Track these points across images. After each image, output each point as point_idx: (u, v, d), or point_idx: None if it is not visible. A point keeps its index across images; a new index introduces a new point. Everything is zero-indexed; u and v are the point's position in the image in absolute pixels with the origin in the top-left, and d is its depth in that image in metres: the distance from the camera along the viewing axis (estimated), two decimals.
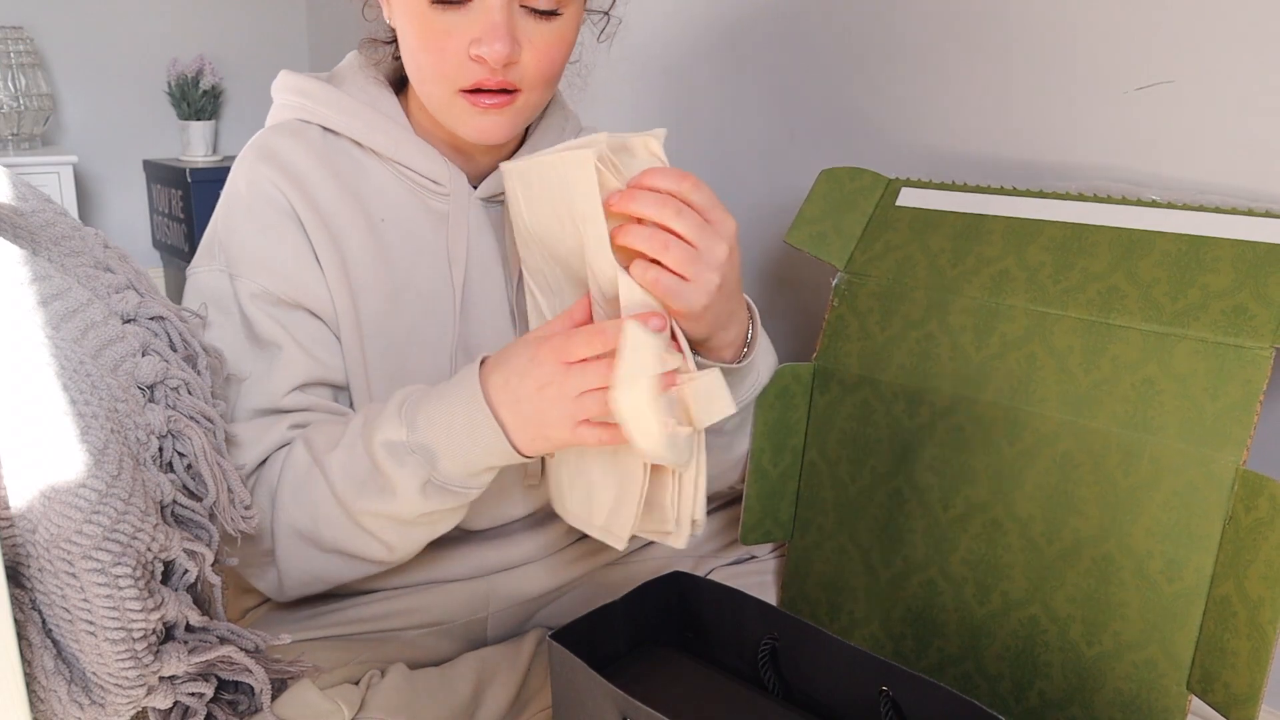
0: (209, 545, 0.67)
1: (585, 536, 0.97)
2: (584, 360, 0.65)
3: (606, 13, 0.91)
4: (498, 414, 0.68)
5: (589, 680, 0.64)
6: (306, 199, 0.82)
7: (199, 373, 0.73)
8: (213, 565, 0.67)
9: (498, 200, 0.87)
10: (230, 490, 0.70)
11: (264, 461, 0.78)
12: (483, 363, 0.70)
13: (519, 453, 0.69)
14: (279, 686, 0.71)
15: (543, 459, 0.84)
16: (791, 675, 0.74)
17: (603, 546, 0.95)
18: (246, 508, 0.71)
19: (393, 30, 0.83)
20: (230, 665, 0.66)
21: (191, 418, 0.69)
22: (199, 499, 0.68)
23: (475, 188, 0.87)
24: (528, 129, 0.93)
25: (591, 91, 1.13)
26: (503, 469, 0.74)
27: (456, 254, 0.85)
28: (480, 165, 0.88)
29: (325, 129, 0.85)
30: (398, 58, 0.87)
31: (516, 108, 0.80)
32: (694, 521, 0.69)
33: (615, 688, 0.61)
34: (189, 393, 0.70)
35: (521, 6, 0.76)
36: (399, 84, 0.90)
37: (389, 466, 0.70)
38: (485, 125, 0.80)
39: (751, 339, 0.82)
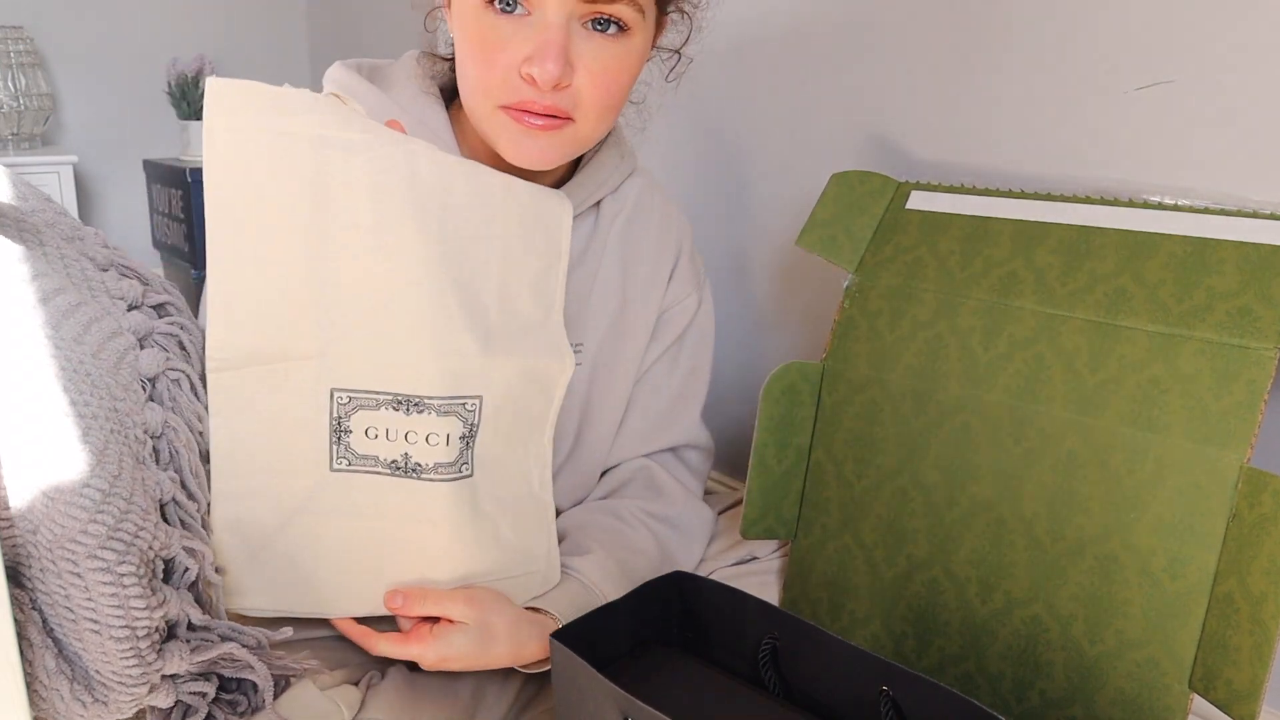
0: (207, 543, 0.67)
1: None
2: None
3: (679, 51, 0.86)
4: None
5: (590, 680, 0.64)
6: None
7: (192, 365, 0.72)
8: (212, 563, 0.67)
9: None
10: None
11: None
12: None
13: None
14: (280, 685, 0.71)
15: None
16: (792, 675, 0.74)
17: None
18: None
19: (452, 72, 0.80)
20: (233, 663, 0.66)
21: (186, 421, 0.69)
22: (196, 501, 0.68)
23: None
24: (579, 160, 0.89)
25: None
26: None
27: None
28: None
29: None
30: (454, 69, 0.83)
31: (566, 136, 0.75)
32: None
33: (617, 687, 0.61)
34: (189, 388, 0.70)
35: (584, 23, 0.72)
36: (452, 93, 0.85)
37: None
38: (528, 147, 0.75)
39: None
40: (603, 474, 0.98)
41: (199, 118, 2.66)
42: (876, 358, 0.92)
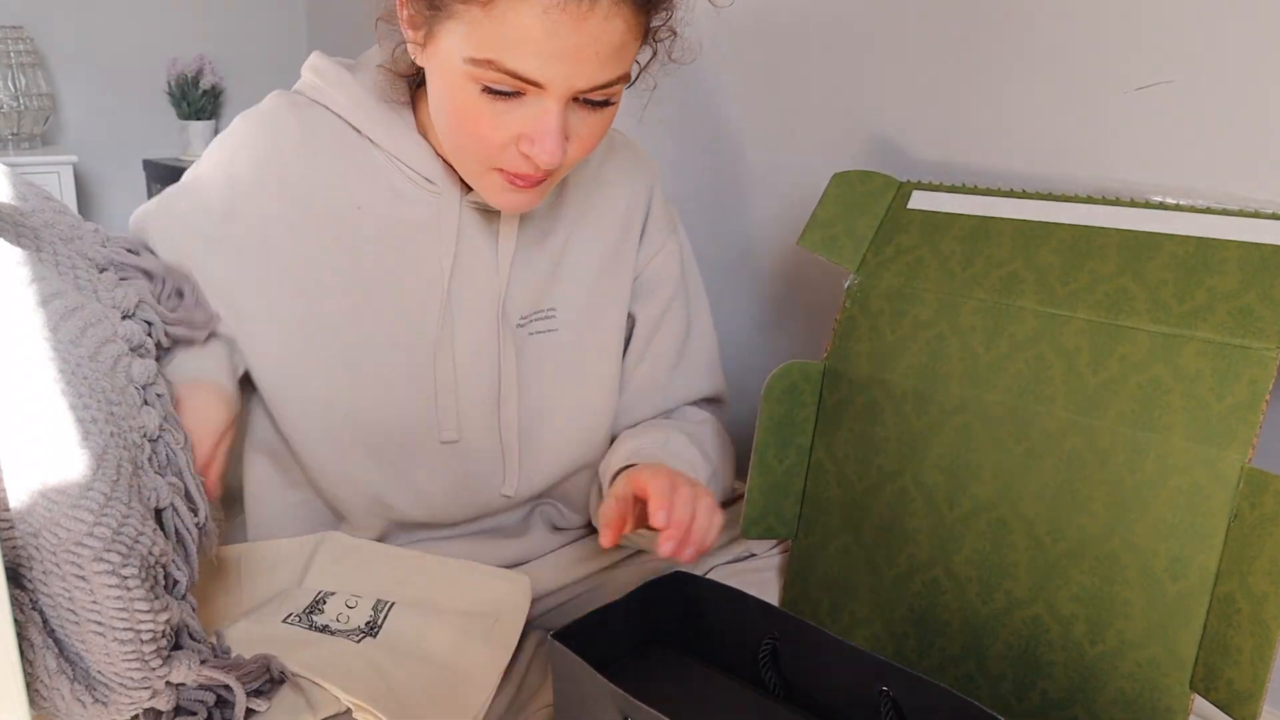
0: (188, 561, 0.66)
1: (586, 538, 0.97)
2: None
3: (641, 67, 0.85)
4: None
5: (590, 680, 0.64)
6: (276, 185, 0.82)
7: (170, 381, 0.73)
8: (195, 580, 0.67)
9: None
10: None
11: None
12: None
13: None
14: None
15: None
16: (792, 675, 0.74)
17: (606, 550, 0.95)
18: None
19: (418, 68, 0.80)
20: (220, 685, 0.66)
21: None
22: (196, 507, 0.68)
23: (469, 189, 0.85)
24: None
25: None
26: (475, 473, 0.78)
27: (445, 253, 0.84)
28: None
29: (332, 111, 0.85)
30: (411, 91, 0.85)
31: (548, 184, 0.79)
32: None
33: (616, 687, 0.61)
34: (172, 401, 0.70)
35: (574, 100, 0.72)
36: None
37: None
38: (516, 201, 0.78)
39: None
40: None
41: (199, 118, 2.66)
42: (878, 358, 0.91)
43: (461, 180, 0.84)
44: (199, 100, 2.65)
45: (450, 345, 0.84)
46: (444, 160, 0.84)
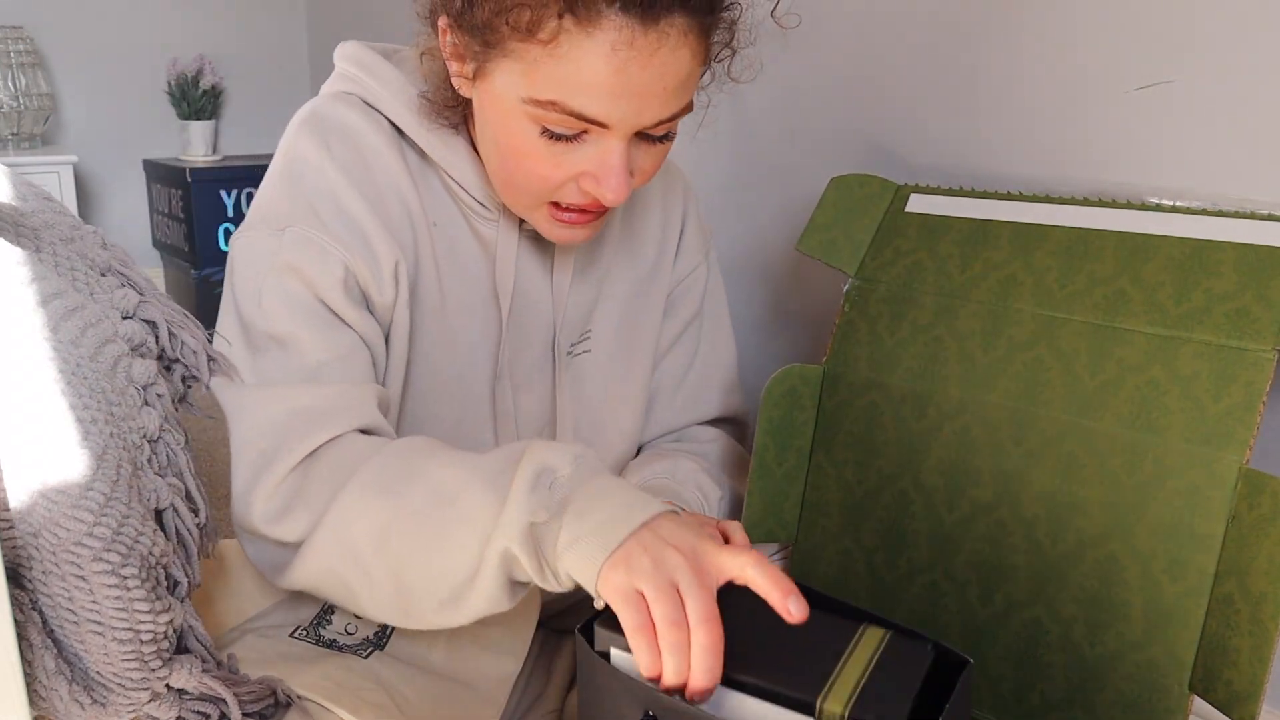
0: (189, 562, 0.66)
1: None
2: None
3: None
4: (628, 537, 0.57)
5: (611, 676, 0.64)
6: (373, 181, 0.75)
7: (170, 382, 0.72)
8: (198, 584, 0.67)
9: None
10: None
11: (339, 439, 0.70)
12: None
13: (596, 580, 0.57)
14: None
15: None
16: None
17: None
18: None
19: (458, 95, 0.74)
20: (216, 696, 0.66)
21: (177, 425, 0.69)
22: (197, 508, 0.68)
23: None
24: None
25: None
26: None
27: (504, 283, 0.81)
28: None
29: (387, 118, 0.77)
30: (461, 116, 0.77)
31: (606, 217, 0.76)
32: None
33: (641, 681, 0.61)
34: (171, 403, 0.70)
35: (637, 135, 0.69)
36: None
37: (520, 490, 0.60)
38: (571, 235, 0.75)
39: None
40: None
41: (199, 118, 2.66)
42: (876, 361, 0.92)
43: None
44: (199, 100, 2.65)
45: (508, 374, 0.82)
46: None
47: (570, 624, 0.90)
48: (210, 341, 0.72)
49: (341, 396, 0.70)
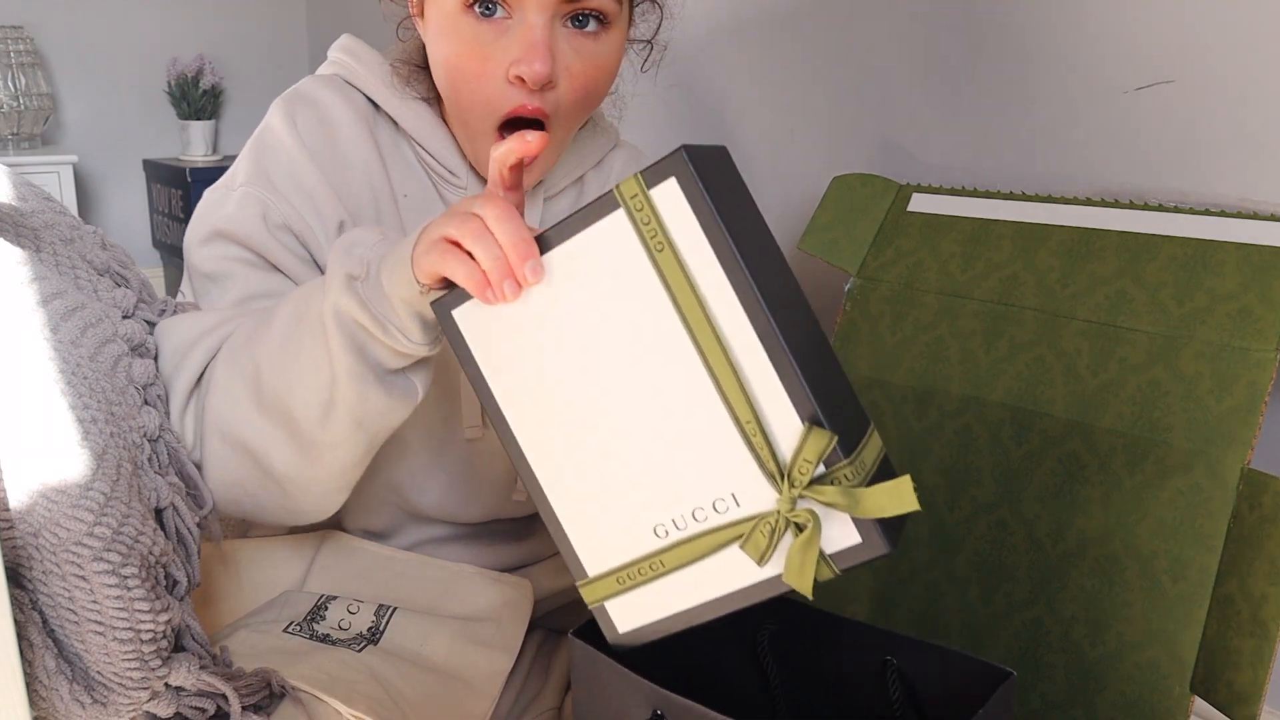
0: (189, 561, 0.66)
1: None
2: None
3: (650, 41, 0.87)
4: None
5: (616, 676, 0.63)
6: (336, 152, 0.79)
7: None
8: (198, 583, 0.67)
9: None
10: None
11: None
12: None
13: (413, 272, 0.60)
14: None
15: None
16: (795, 659, 0.73)
17: None
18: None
19: (424, 51, 0.80)
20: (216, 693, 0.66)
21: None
22: (201, 505, 0.68)
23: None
24: None
25: None
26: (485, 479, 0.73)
27: None
28: None
29: (367, 97, 0.83)
30: (432, 85, 0.83)
31: (543, 157, 0.78)
32: None
33: (649, 682, 0.61)
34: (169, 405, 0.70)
35: (564, 21, 0.73)
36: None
37: (331, 261, 0.64)
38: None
39: None
40: None
41: (199, 118, 2.66)
42: (878, 360, 0.91)
43: (484, 177, 0.84)
44: (199, 100, 2.65)
45: None
46: (466, 158, 0.84)
47: (567, 624, 0.90)
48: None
49: (242, 313, 0.73)
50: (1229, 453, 0.71)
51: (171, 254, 2.70)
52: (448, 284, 0.58)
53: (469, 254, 0.56)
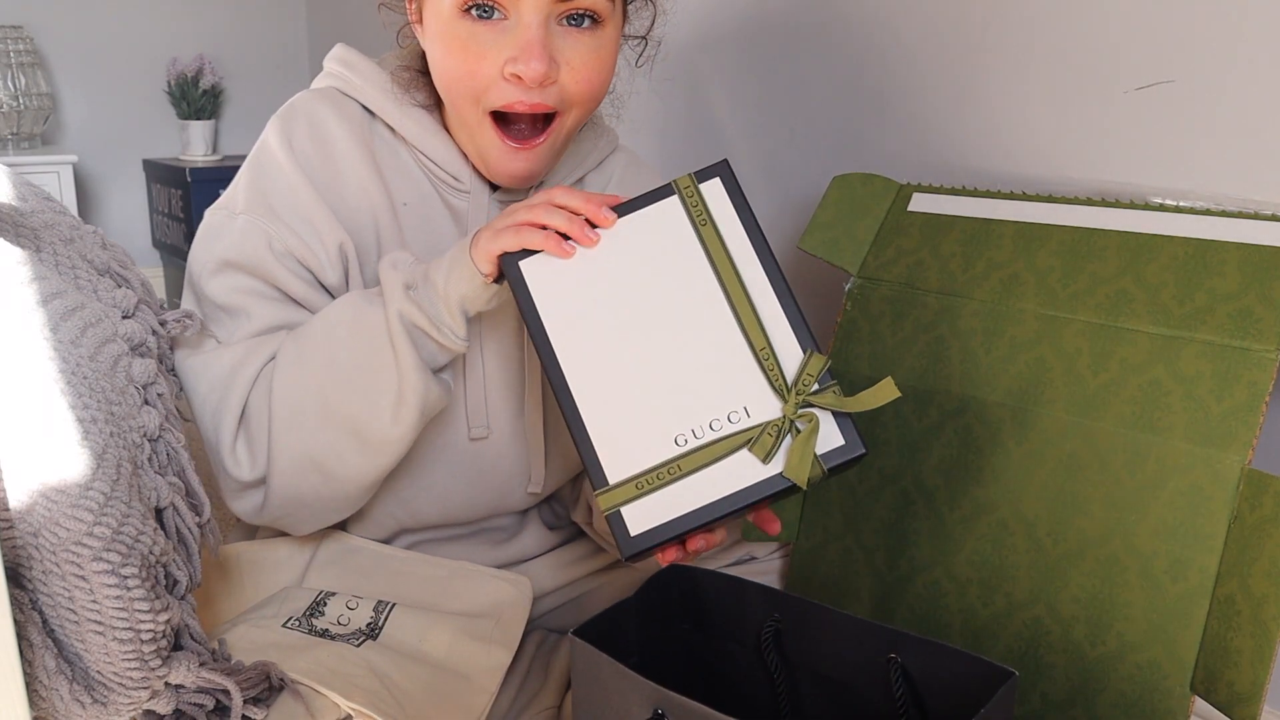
0: (189, 561, 0.66)
1: (580, 538, 0.97)
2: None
3: (644, 37, 0.88)
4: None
5: (617, 676, 0.64)
6: (332, 168, 0.81)
7: (170, 380, 0.73)
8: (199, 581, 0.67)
9: (516, 201, 0.86)
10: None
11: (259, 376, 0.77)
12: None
13: (472, 259, 0.71)
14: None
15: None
16: (799, 654, 0.73)
17: (600, 549, 0.95)
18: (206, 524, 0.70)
19: (424, 58, 0.80)
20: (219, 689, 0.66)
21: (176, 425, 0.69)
22: (197, 512, 0.68)
23: (495, 189, 0.85)
24: None
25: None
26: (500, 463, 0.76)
27: None
28: None
29: (364, 106, 0.84)
30: (433, 90, 0.84)
31: (546, 146, 0.79)
32: None
33: (650, 681, 0.61)
34: (172, 402, 0.70)
35: (559, 20, 0.74)
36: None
37: (384, 271, 0.73)
38: (516, 166, 0.79)
39: None
40: None
41: (199, 117, 2.66)
42: (878, 359, 0.91)
43: (488, 181, 0.85)
44: (199, 100, 2.65)
45: (479, 343, 0.84)
46: (470, 163, 0.84)
47: (567, 623, 0.90)
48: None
49: (267, 343, 0.78)
50: (1229, 453, 0.71)
51: (171, 254, 2.70)
52: (499, 274, 0.70)
53: (540, 227, 0.68)
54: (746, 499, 0.62)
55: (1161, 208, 0.82)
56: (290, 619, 0.77)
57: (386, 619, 0.78)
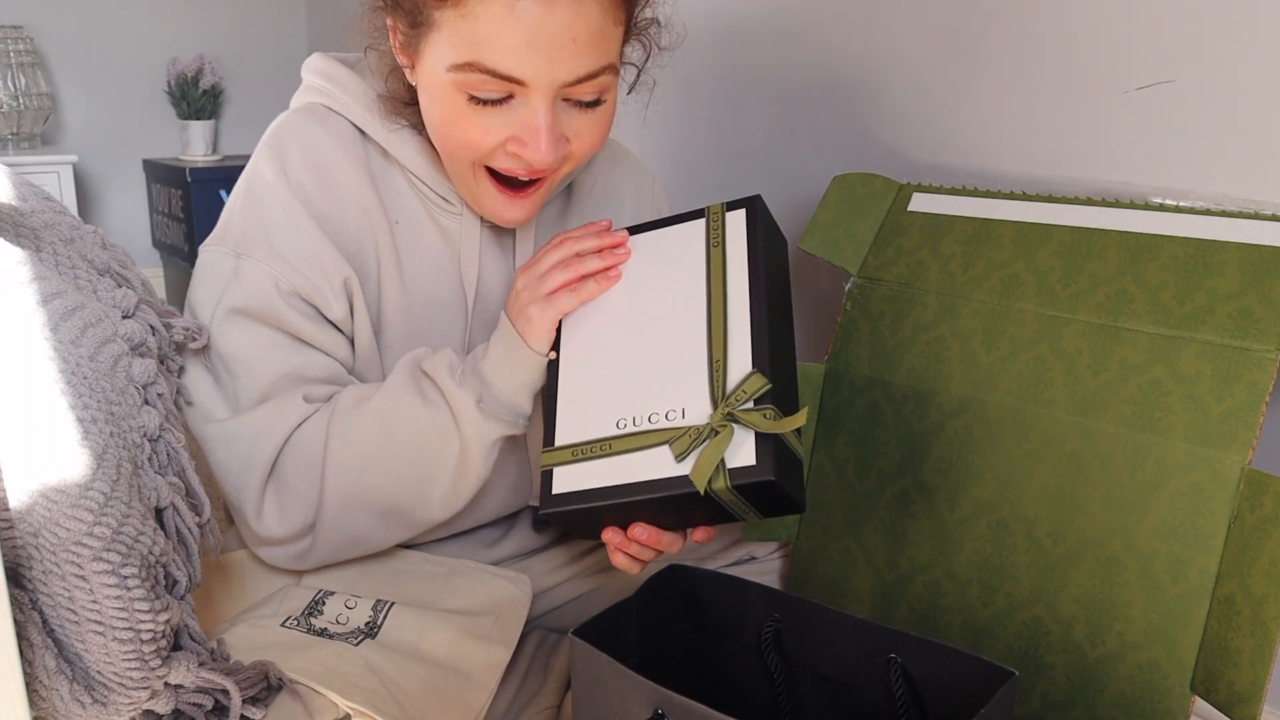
0: (189, 561, 0.66)
1: (570, 537, 0.97)
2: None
3: (639, 67, 0.85)
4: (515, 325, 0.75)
5: (617, 676, 0.64)
6: (330, 195, 0.79)
7: (170, 380, 0.73)
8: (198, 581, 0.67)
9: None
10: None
11: (288, 439, 0.77)
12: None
13: (529, 346, 0.73)
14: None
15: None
16: (799, 654, 0.73)
17: (589, 550, 0.95)
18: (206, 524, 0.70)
19: (412, 90, 0.78)
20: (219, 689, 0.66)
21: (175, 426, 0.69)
22: (197, 512, 0.68)
23: None
24: None
25: None
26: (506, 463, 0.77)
27: (469, 273, 0.84)
28: None
29: (351, 123, 0.82)
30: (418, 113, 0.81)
31: (543, 193, 0.78)
32: None
33: (651, 681, 0.61)
34: (172, 402, 0.70)
35: (564, 100, 0.72)
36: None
37: (448, 386, 0.75)
38: (510, 213, 0.78)
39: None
40: None
41: (199, 118, 2.66)
42: (878, 360, 0.91)
43: None
44: (199, 100, 2.65)
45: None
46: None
47: (567, 623, 0.90)
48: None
49: (288, 407, 0.78)
50: (1229, 453, 0.71)
51: (171, 254, 2.70)
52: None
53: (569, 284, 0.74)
54: (653, 490, 0.65)
55: (1162, 208, 0.82)
56: (289, 618, 0.77)
57: (385, 618, 0.78)
